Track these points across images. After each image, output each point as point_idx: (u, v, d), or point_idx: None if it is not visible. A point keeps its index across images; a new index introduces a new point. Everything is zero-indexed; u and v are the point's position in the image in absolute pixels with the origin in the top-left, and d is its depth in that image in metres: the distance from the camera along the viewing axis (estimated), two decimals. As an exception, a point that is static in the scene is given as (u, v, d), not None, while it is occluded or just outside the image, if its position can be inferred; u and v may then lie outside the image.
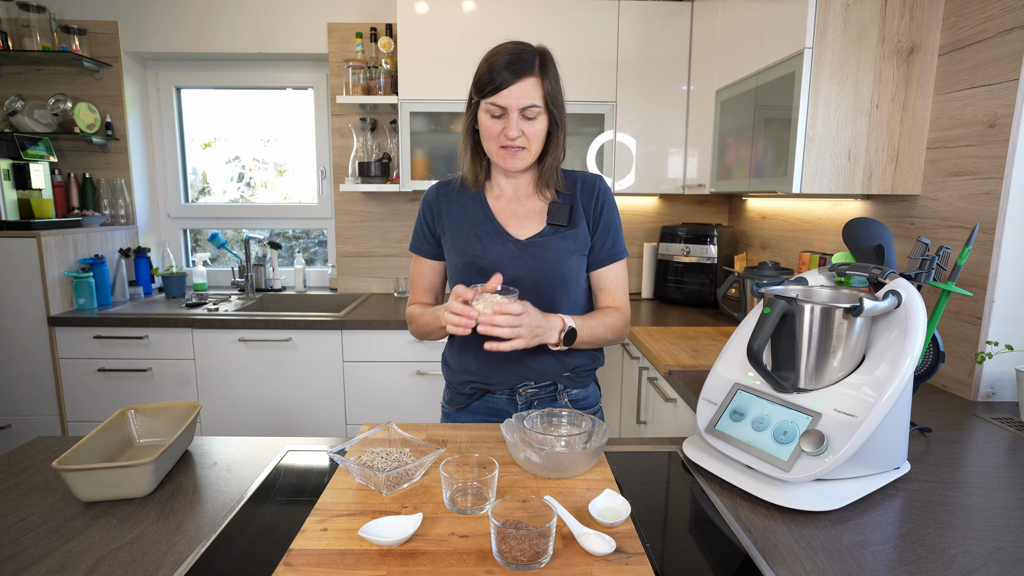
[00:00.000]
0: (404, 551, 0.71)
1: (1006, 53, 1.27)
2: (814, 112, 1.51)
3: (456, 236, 1.18)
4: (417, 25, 2.35)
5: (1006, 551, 0.75)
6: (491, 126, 1.08)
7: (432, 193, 1.23)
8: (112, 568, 0.70)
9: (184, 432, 0.97)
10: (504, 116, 1.07)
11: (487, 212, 1.18)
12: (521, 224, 1.18)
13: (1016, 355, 1.34)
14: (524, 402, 1.19)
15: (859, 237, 1.04)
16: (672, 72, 2.43)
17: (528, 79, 1.05)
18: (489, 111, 1.07)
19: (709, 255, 2.47)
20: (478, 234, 1.16)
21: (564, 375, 1.20)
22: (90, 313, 2.29)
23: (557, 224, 1.16)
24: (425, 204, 1.23)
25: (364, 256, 2.88)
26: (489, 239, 1.15)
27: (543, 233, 1.16)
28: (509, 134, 1.06)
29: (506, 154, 1.10)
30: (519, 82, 1.04)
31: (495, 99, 1.05)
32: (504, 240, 1.15)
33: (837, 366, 0.89)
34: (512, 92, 1.05)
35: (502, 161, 1.11)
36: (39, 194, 2.45)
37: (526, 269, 1.13)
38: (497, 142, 1.09)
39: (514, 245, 1.15)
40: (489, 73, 1.05)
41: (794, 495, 0.84)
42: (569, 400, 1.21)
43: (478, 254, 1.14)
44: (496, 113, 1.07)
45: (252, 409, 2.33)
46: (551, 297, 1.15)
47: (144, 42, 2.67)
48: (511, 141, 1.07)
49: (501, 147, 1.09)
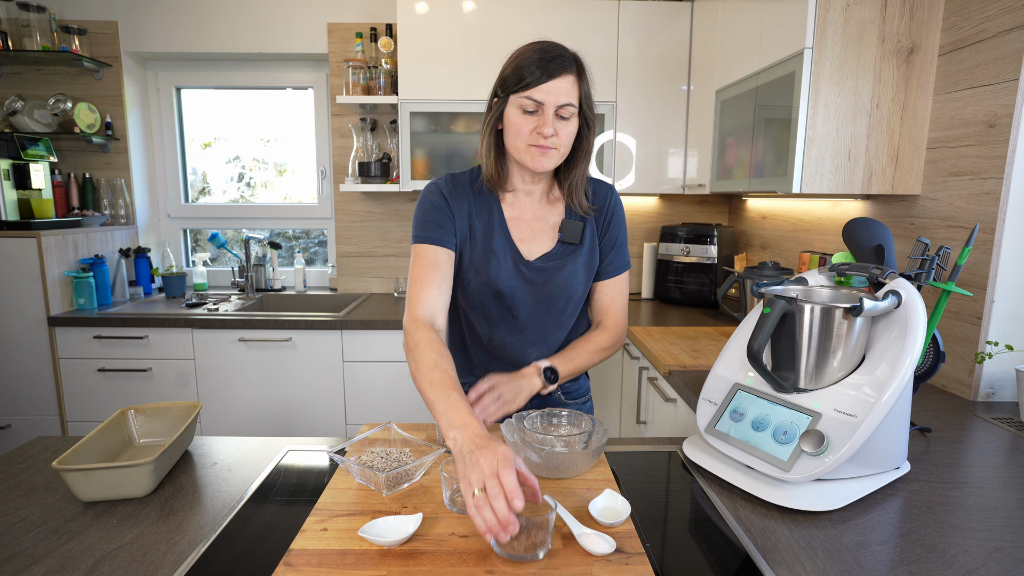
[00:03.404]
0: (404, 551, 0.71)
1: (1006, 53, 1.27)
2: (814, 112, 1.51)
3: (472, 250, 1.12)
4: (417, 25, 2.35)
5: (1006, 551, 0.75)
6: (521, 123, 1.02)
7: (447, 186, 1.13)
8: (112, 568, 0.70)
9: (184, 432, 0.97)
10: (538, 112, 1.01)
11: (502, 223, 1.13)
12: (535, 240, 1.14)
13: (1016, 355, 1.34)
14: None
15: (859, 237, 1.04)
16: (672, 72, 2.43)
17: (567, 77, 1.00)
18: (521, 106, 1.01)
19: (709, 255, 2.47)
20: (494, 251, 1.12)
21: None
22: (90, 313, 2.29)
23: (568, 243, 1.14)
24: (441, 193, 1.11)
25: (364, 256, 2.88)
26: (504, 257, 1.12)
27: (553, 254, 1.14)
28: (544, 132, 1.00)
29: (536, 152, 1.03)
30: (558, 79, 0.99)
31: (531, 93, 0.99)
32: (517, 261, 1.13)
33: (837, 366, 0.89)
34: (550, 88, 0.99)
35: (530, 160, 1.04)
36: (39, 194, 2.45)
37: (534, 292, 1.13)
38: (527, 139, 1.02)
39: (525, 268, 1.13)
40: (527, 67, 1.00)
41: (794, 495, 0.84)
42: (562, 392, 1.23)
43: (494, 274, 1.11)
44: (529, 108, 1.01)
45: (252, 409, 2.33)
46: (556, 315, 1.16)
47: (144, 42, 2.67)
48: (544, 140, 1.01)
49: (531, 145, 1.03)
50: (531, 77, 0.99)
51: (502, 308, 1.14)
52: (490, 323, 1.16)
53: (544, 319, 1.15)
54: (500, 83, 1.06)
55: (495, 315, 1.15)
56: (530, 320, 1.15)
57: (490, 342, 1.17)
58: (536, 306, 1.14)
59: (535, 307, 1.14)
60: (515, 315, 1.14)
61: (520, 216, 1.15)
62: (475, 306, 1.15)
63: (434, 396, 0.88)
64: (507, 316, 1.14)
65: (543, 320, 1.15)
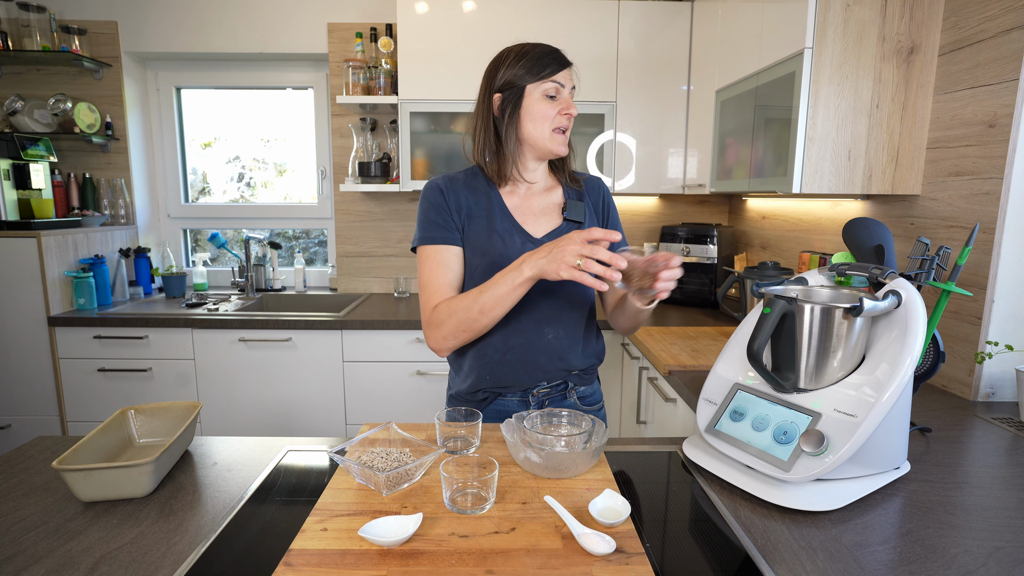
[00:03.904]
0: (404, 551, 0.71)
1: (1006, 53, 1.27)
2: (814, 112, 1.51)
3: (475, 234, 1.14)
4: (417, 25, 2.35)
5: (1006, 551, 0.75)
6: (546, 109, 1.11)
7: (444, 184, 1.17)
8: (112, 568, 0.70)
9: (184, 432, 0.97)
10: (558, 97, 1.11)
11: (503, 209, 1.16)
12: (538, 221, 1.17)
13: (1016, 355, 1.34)
14: (536, 402, 1.19)
15: (859, 237, 1.04)
16: (672, 72, 2.43)
17: (569, 68, 1.14)
18: (545, 92, 1.10)
19: (709, 255, 2.47)
20: (499, 231, 1.13)
21: (573, 374, 1.20)
22: (90, 313, 2.29)
23: (574, 220, 1.17)
24: (440, 191, 1.15)
25: (364, 256, 2.88)
26: (509, 237, 1.13)
27: (560, 230, 1.16)
28: (571, 112, 1.11)
29: (559, 137, 1.13)
30: (567, 69, 1.12)
31: (557, 78, 1.10)
32: (524, 239, 1.14)
33: (837, 366, 0.89)
34: (563, 76, 1.11)
35: (556, 145, 1.13)
36: (39, 194, 2.45)
37: None
38: (553, 123, 1.11)
39: (533, 244, 1.14)
40: (541, 58, 1.10)
41: (794, 495, 0.84)
42: (578, 397, 1.22)
43: (501, 252, 1.12)
44: (552, 93, 1.10)
45: (252, 409, 2.33)
46: (568, 292, 1.16)
47: (144, 42, 2.67)
48: (568, 122, 1.12)
49: (555, 129, 1.12)
50: (553, 64, 1.10)
51: None
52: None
53: (556, 296, 1.15)
54: (510, 79, 1.11)
55: None
56: (543, 298, 1.14)
57: (506, 323, 1.14)
58: (548, 285, 1.13)
59: (547, 286, 1.13)
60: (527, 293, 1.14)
61: (521, 203, 1.18)
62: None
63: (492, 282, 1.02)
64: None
65: (555, 298, 1.15)
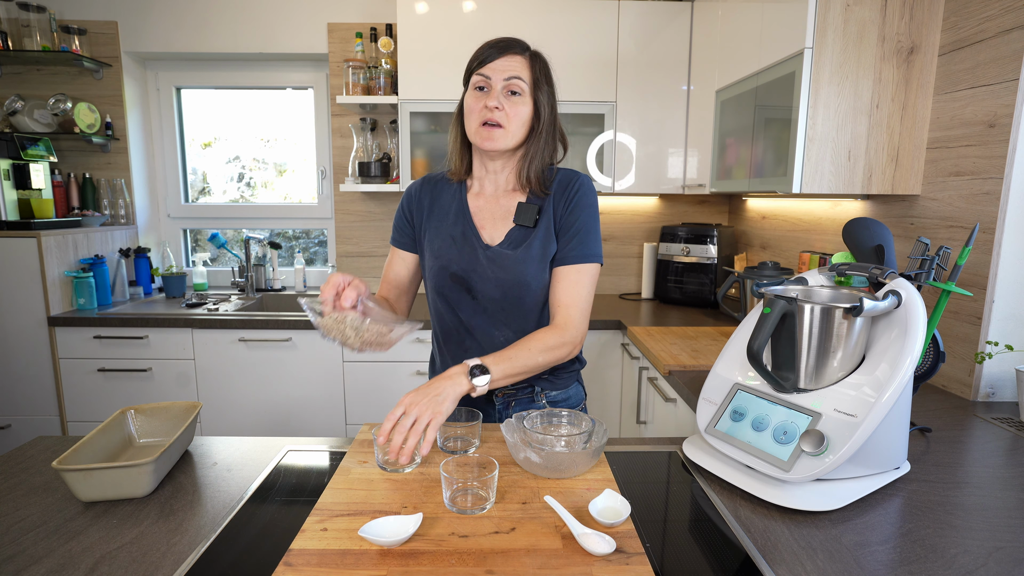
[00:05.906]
0: (404, 551, 0.71)
1: (1006, 53, 1.27)
2: (814, 112, 1.51)
3: (434, 235, 1.16)
4: (417, 25, 2.35)
5: (1006, 551, 0.75)
6: (472, 102, 1.08)
7: (416, 186, 1.22)
8: (112, 568, 0.70)
9: (184, 432, 0.97)
10: (487, 90, 1.07)
11: (464, 211, 1.16)
12: (496, 226, 1.15)
13: (1016, 355, 1.34)
14: (502, 402, 1.18)
15: (859, 237, 1.04)
16: (672, 72, 2.43)
17: (515, 56, 1.07)
18: (474, 84, 1.08)
19: (709, 255, 2.47)
20: (453, 236, 1.14)
21: (542, 377, 1.17)
22: (90, 313, 2.29)
23: (522, 225, 1.12)
24: (407, 196, 1.22)
25: (364, 256, 2.88)
26: (463, 243, 1.13)
27: (511, 238, 1.13)
28: (488, 104, 1.05)
29: (485, 132, 1.07)
30: (505, 57, 1.06)
31: (483, 70, 1.07)
32: (475, 246, 1.13)
33: (837, 366, 0.89)
34: (500, 64, 1.06)
35: (480, 140, 1.08)
36: (39, 194, 2.45)
37: (493, 278, 1.12)
38: (479, 117, 1.07)
39: (483, 253, 1.12)
40: (482, 49, 1.08)
41: (794, 495, 0.84)
42: (547, 402, 1.19)
43: (452, 258, 1.13)
44: (480, 84, 1.07)
45: (252, 409, 2.33)
46: (514, 301, 1.13)
47: (144, 42, 2.67)
48: (490, 114, 1.05)
49: (480, 124, 1.07)
50: (485, 56, 1.07)
51: (461, 290, 1.14)
52: (454, 303, 1.16)
53: (503, 303, 1.13)
54: (465, 74, 1.12)
55: (455, 297, 1.15)
56: (491, 303, 1.14)
57: (459, 322, 1.17)
58: (494, 290, 1.13)
59: (493, 291, 1.13)
60: (475, 296, 1.14)
61: (483, 205, 1.17)
62: (438, 288, 1.16)
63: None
64: (467, 297, 1.15)
65: (503, 304, 1.13)
